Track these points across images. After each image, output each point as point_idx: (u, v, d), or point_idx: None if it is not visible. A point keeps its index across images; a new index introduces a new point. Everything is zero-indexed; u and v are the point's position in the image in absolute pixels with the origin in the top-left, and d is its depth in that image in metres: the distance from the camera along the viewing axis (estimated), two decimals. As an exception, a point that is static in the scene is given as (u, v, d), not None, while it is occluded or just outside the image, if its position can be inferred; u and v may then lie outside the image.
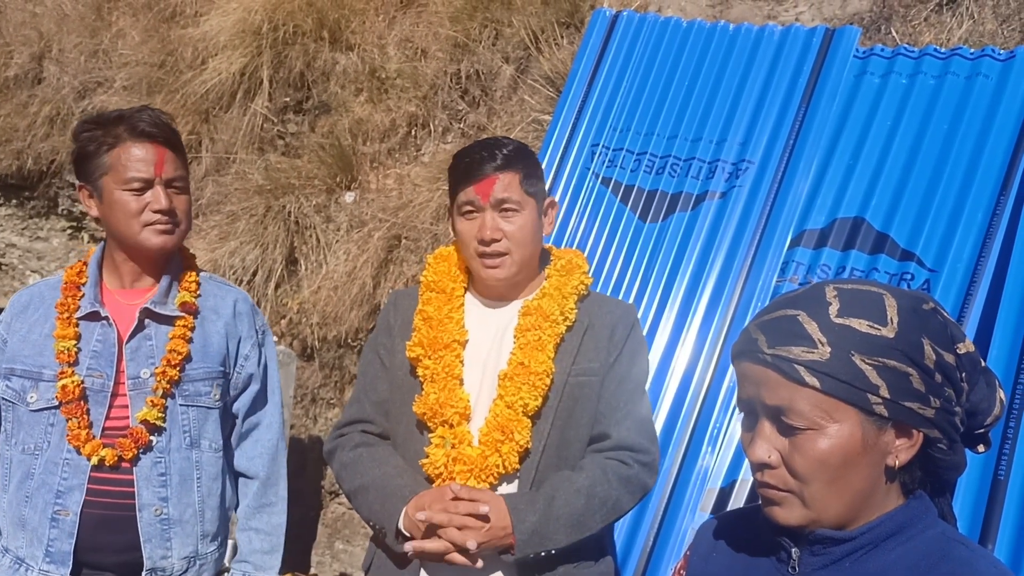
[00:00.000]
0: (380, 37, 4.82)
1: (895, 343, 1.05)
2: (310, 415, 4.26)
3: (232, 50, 4.98)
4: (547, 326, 1.86)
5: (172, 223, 1.97)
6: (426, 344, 1.89)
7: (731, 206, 2.89)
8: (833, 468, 1.06)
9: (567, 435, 1.86)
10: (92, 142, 1.93)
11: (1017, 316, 2.31)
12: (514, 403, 1.81)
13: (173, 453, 1.99)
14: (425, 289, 1.98)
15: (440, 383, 1.86)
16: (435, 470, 1.83)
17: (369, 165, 4.47)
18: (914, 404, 1.05)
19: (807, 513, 1.09)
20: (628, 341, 1.92)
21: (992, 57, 2.74)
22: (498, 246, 1.85)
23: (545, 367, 1.82)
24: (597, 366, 1.88)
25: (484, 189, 1.85)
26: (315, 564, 4.15)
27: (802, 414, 1.06)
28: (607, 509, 1.80)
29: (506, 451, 1.80)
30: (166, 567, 1.98)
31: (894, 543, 1.09)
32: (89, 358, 1.96)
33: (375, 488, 1.85)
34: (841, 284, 1.12)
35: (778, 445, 1.10)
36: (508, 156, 1.86)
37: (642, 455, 1.85)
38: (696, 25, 3.21)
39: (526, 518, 1.74)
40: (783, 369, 1.07)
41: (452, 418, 1.84)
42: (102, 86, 5.60)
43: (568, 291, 1.91)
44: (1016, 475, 2.09)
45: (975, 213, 2.57)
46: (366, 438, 1.96)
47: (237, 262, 4.27)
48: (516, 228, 1.86)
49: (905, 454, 1.08)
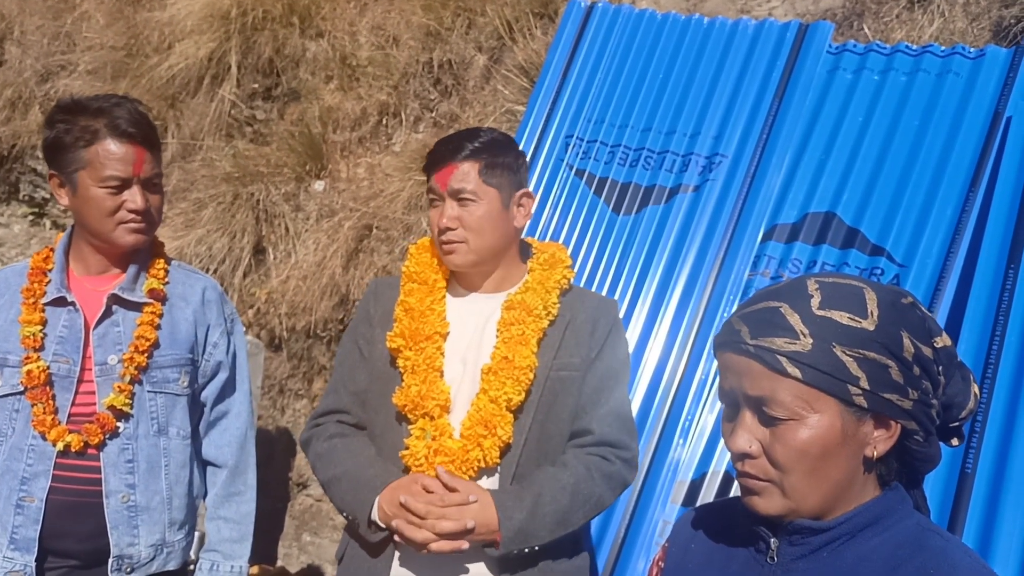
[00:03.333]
0: (351, 24, 4.78)
1: (875, 335, 1.06)
2: (277, 406, 4.22)
3: (199, 35, 4.92)
4: (530, 320, 1.86)
5: (146, 222, 1.96)
6: (407, 335, 1.88)
7: (704, 199, 2.90)
8: (813, 458, 1.07)
9: (548, 429, 1.86)
10: (68, 134, 1.89)
11: (984, 312, 2.34)
12: (498, 397, 1.81)
13: (140, 440, 1.97)
14: (407, 280, 1.97)
15: (421, 375, 1.85)
16: (415, 462, 1.82)
17: (339, 154, 4.43)
18: (893, 396, 1.06)
19: (786, 503, 1.10)
20: (609, 336, 1.92)
21: (963, 55, 2.77)
22: (452, 235, 1.87)
23: (528, 362, 1.83)
24: (578, 361, 1.89)
25: (443, 178, 1.88)
26: (282, 556, 4.11)
27: (783, 404, 1.07)
28: (590, 506, 1.82)
29: (488, 445, 1.79)
30: (133, 554, 1.96)
31: (871, 533, 1.10)
32: (55, 343, 1.93)
33: (348, 478, 1.85)
34: (822, 277, 1.13)
35: (759, 435, 1.10)
36: (472, 147, 1.87)
37: (623, 451, 1.87)
38: (671, 18, 3.22)
39: (513, 515, 1.74)
40: (765, 360, 1.07)
41: (433, 410, 1.83)
42: (65, 69, 5.50)
43: (551, 285, 1.91)
44: (983, 468, 2.12)
45: (944, 209, 2.60)
46: (341, 428, 1.95)
47: (204, 250, 4.21)
48: (472, 218, 1.86)
49: (883, 445, 1.09)
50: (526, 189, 1.97)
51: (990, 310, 2.32)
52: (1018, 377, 2.17)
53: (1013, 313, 2.25)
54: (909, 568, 1.06)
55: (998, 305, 2.30)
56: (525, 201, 1.96)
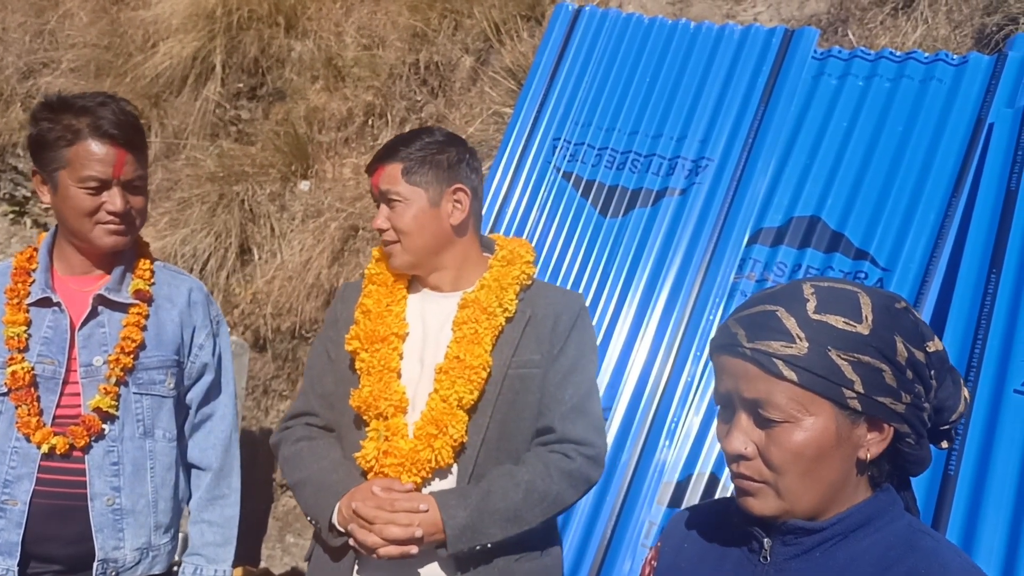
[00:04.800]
0: (337, 24, 4.77)
1: (870, 340, 1.07)
2: (262, 407, 4.20)
3: (184, 34, 4.89)
4: (484, 318, 1.83)
5: (126, 224, 1.93)
6: (363, 337, 1.86)
7: (691, 203, 2.92)
8: (808, 460, 1.08)
9: (507, 428, 1.83)
10: (51, 132, 1.86)
11: (967, 316, 2.37)
12: (448, 397, 1.78)
13: (126, 442, 1.95)
14: (368, 282, 1.95)
15: (376, 376, 1.83)
16: (366, 463, 1.80)
17: (325, 154, 4.42)
18: (886, 399, 1.07)
19: (781, 504, 1.11)
20: (573, 331, 1.88)
21: (946, 62, 2.81)
22: (386, 235, 1.87)
23: (481, 361, 1.80)
24: (539, 358, 1.85)
25: (374, 181, 1.90)
26: (265, 558, 4.10)
27: (779, 407, 1.08)
28: (547, 503, 1.78)
29: (439, 445, 1.77)
30: (118, 558, 1.93)
31: (863, 534, 1.12)
32: (40, 344, 1.90)
33: (311, 483, 1.84)
34: (817, 282, 1.14)
35: (754, 437, 1.11)
36: (397, 149, 1.87)
37: (586, 448, 1.82)
38: (658, 22, 3.24)
39: (456, 513, 1.71)
40: (762, 363, 1.08)
41: (387, 411, 1.81)
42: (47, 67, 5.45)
43: (507, 282, 1.87)
44: (965, 471, 2.14)
45: (928, 214, 2.64)
46: (309, 431, 1.94)
47: (188, 250, 4.19)
48: (401, 219, 1.86)
49: (876, 447, 1.10)
50: (458, 185, 1.89)
51: (972, 314, 2.35)
52: (1000, 379, 2.20)
53: (995, 317, 2.28)
54: (901, 568, 1.07)
55: (980, 309, 2.33)
56: (460, 196, 1.89)
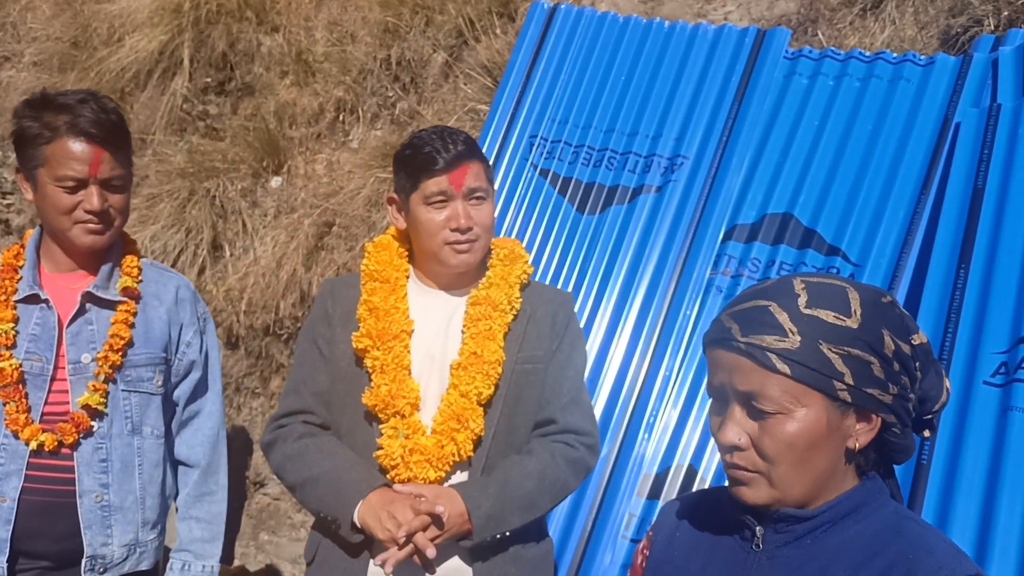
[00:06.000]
0: (307, 19, 4.74)
1: (859, 333, 1.11)
2: (234, 404, 4.17)
3: (151, 27, 4.83)
4: (496, 315, 1.89)
5: (103, 223, 1.92)
6: (374, 335, 1.88)
7: (667, 200, 2.96)
8: (800, 450, 1.12)
9: (514, 421, 1.90)
10: (31, 129, 1.86)
11: (936, 309, 2.43)
12: (468, 392, 1.83)
13: (115, 439, 1.95)
14: (368, 279, 1.96)
15: (390, 374, 1.86)
16: (390, 461, 1.83)
17: (297, 150, 4.40)
18: (875, 390, 1.11)
19: (773, 493, 1.15)
20: (568, 328, 1.98)
21: (913, 62, 2.87)
22: (471, 234, 1.88)
23: (497, 356, 1.86)
24: (541, 353, 1.93)
25: (457, 179, 1.86)
26: (239, 556, 4.07)
27: (772, 399, 1.12)
28: (557, 490, 1.87)
29: (461, 439, 1.82)
30: (106, 554, 1.94)
31: (851, 521, 1.16)
32: (28, 341, 1.90)
33: (326, 480, 1.83)
34: (807, 277, 1.18)
35: (748, 428, 1.15)
36: (471, 147, 1.89)
37: (586, 438, 1.92)
38: (632, 21, 3.27)
39: (481, 503, 1.77)
40: (755, 356, 1.12)
41: (404, 409, 1.84)
42: (9, 61, 5.35)
43: (513, 280, 1.94)
44: (937, 460, 2.20)
45: (897, 211, 2.70)
46: (309, 429, 1.94)
47: (159, 247, 4.14)
48: (484, 215, 1.90)
49: (864, 437, 1.15)
50: None
51: (942, 308, 2.41)
52: (970, 371, 2.26)
53: (964, 310, 2.34)
54: (888, 553, 1.12)
55: (950, 303, 2.39)
56: None
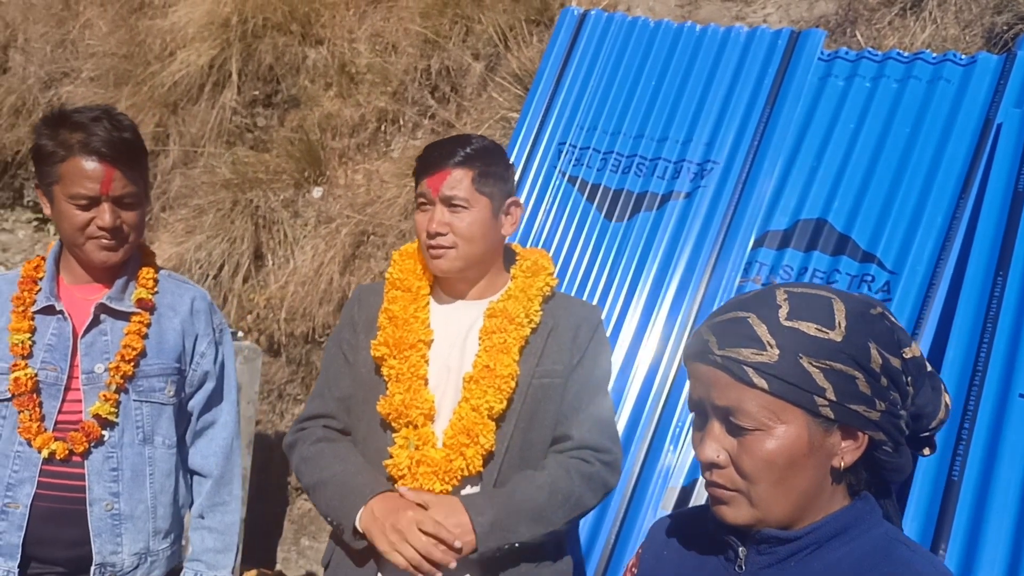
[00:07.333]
0: (350, 31, 4.80)
1: (842, 346, 1.06)
2: (277, 411, 4.24)
3: (201, 42, 4.95)
4: (512, 329, 1.87)
5: (116, 239, 1.96)
6: (391, 344, 1.88)
7: (696, 206, 2.91)
8: (780, 468, 1.08)
9: (530, 437, 1.87)
10: (47, 147, 1.91)
11: (974, 318, 2.33)
12: (479, 406, 1.82)
13: (125, 448, 1.98)
14: (391, 287, 1.97)
15: (405, 383, 1.86)
16: (399, 472, 1.83)
17: (338, 160, 4.45)
18: (860, 407, 1.07)
19: (754, 512, 1.11)
20: (591, 343, 1.93)
21: (954, 62, 2.77)
22: (442, 240, 1.87)
23: (510, 370, 1.83)
24: (560, 368, 1.90)
25: (435, 183, 1.88)
26: (280, 561, 4.13)
27: (750, 415, 1.08)
28: (570, 504, 1.82)
29: (470, 454, 1.80)
30: (116, 562, 1.97)
31: (838, 543, 1.11)
32: (43, 351, 1.95)
33: (334, 484, 1.85)
34: (792, 287, 1.14)
35: (727, 445, 1.11)
36: (466, 154, 1.88)
37: (604, 454, 1.87)
38: (663, 25, 3.22)
39: (485, 511, 1.75)
40: (732, 370, 1.08)
41: (417, 419, 1.84)
42: (68, 76, 5.54)
43: (533, 293, 1.92)
44: (969, 476, 2.11)
45: (935, 216, 2.60)
46: (328, 433, 1.96)
47: (203, 256, 4.23)
48: (463, 224, 1.87)
49: (850, 456, 1.10)
50: (515, 198, 1.98)
51: (979, 316, 2.32)
52: (1005, 383, 2.17)
53: (1001, 319, 2.25)
54: (874, 577, 1.07)
55: (986, 311, 2.29)
56: (513, 210, 1.97)
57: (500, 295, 1.94)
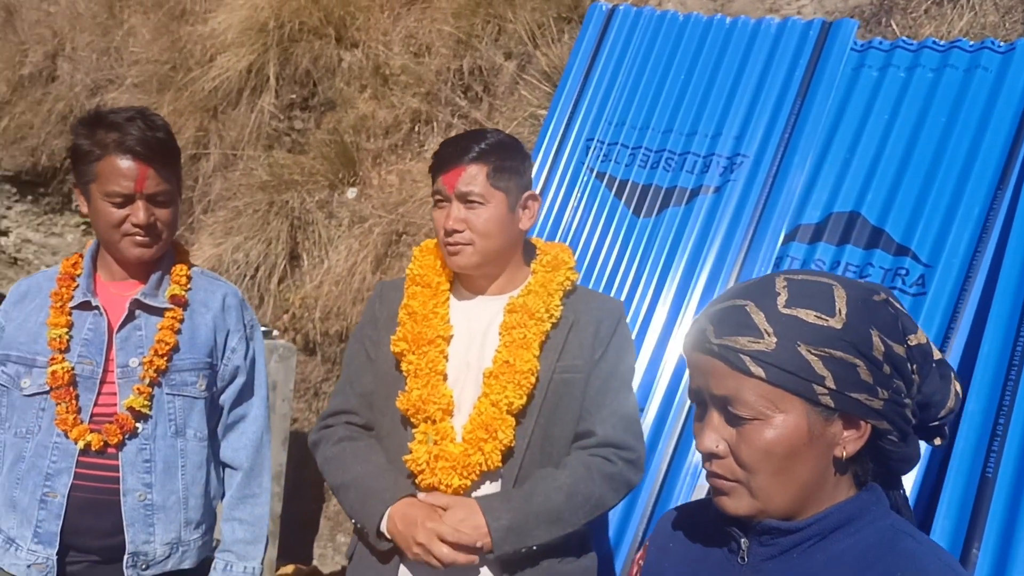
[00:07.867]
0: (384, 34, 4.84)
1: (842, 334, 1.04)
2: (313, 409, 4.28)
3: (239, 47, 5.03)
4: (532, 324, 1.86)
5: (150, 236, 2.01)
6: (410, 339, 1.89)
7: (725, 200, 2.87)
8: (779, 458, 1.06)
9: (551, 433, 1.86)
10: (84, 147, 1.96)
11: (1010, 311, 2.27)
12: (499, 401, 1.81)
13: (158, 440, 2.03)
14: (411, 283, 1.98)
15: (423, 379, 1.86)
16: (417, 467, 1.84)
17: (372, 161, 4.49)
18: (861, 395, 1.04)
19: (754, 503, 1.09)
20: (614, 338, 1.92)
21: (992, 49, 2.70)
22: (459, 236, 1.87)
23: (530, 365, 1.83)
24: (582, 363, 1.88)
25: (451, 180, 1.88)
26: (317, 556, 4.17)
27: (748, 404, 1.06)
28: (590, 506, 1.81)
29: (489, 449, 1.80)
30: (148, 552, 2.01)
31: (842, 534, 1.09)
32: (80, 346, 2.00)
33: (356, 487, 1.87)
34: (793, 275, 1.12)
35: (726, 435, 1.10)
36: (480, 150, 1.87)
37: (627, 452, 1.85)
38: (692, 19, 3.19)
39: (501, 515, 1.75)
40: (729, 359, 1.06)
41: (435, 414, 1.85)
42: (113, 83, 5.67)
43: (553, 288, 1.91)
44: (1004, 472, 2.05)
45: (971, 208, 2.53)
46: (350, 431, 1.97)
47: (241, 257, 4.30)
48: (479, 220, 1.86)
49: (852, 445, 1.07)
50: (532, 192, 1.97)
51: (1015, 310, 2.25)
52: (1041, 379, 2.11)
53: (1038, 313, 2.19)
54: (877, 570, 1.04)
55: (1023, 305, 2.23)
56: (531, 204, 1.96)
57: (520, 290, 1.93)
